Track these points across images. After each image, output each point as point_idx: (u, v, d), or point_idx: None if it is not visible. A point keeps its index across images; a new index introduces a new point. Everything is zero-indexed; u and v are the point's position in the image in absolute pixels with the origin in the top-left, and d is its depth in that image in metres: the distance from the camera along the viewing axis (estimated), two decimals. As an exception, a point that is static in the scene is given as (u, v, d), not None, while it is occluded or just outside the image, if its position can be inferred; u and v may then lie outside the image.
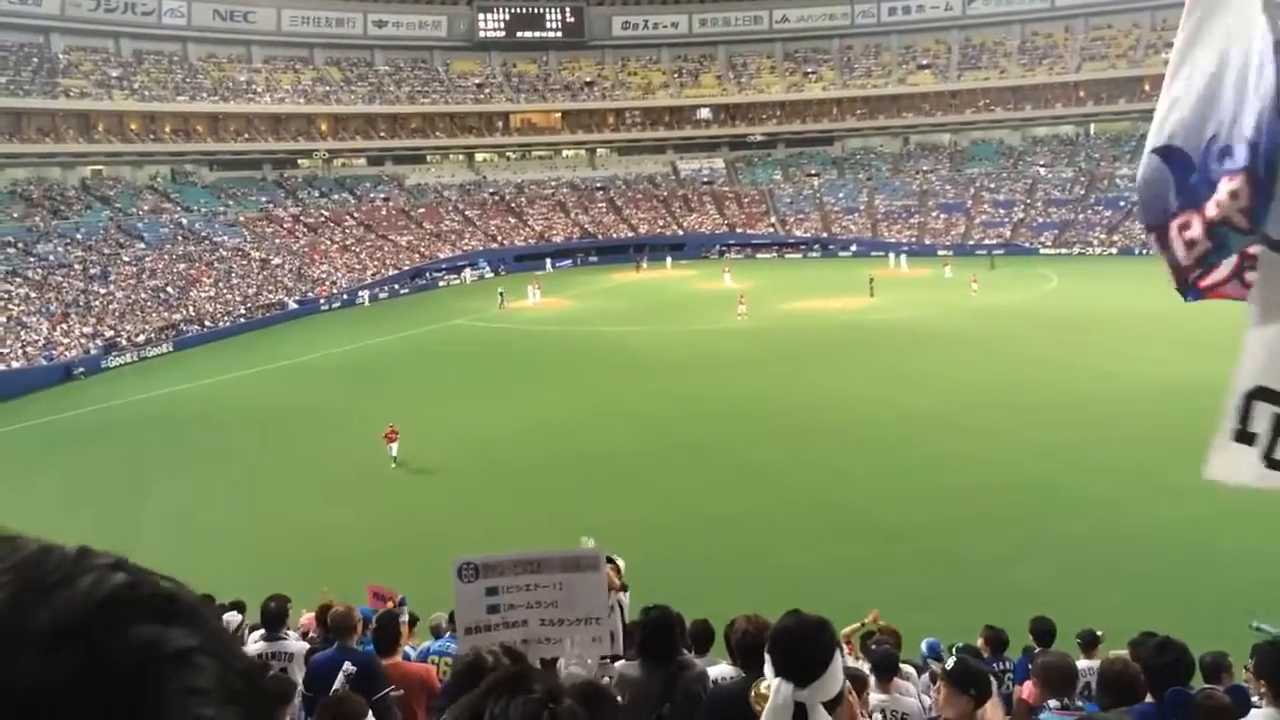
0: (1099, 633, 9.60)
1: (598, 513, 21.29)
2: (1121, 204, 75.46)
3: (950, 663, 4.54)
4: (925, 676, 8.78)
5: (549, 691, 1.26)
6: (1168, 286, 3.40)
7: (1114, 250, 70.57)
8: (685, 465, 24.89)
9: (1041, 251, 71.93)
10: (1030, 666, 8.62)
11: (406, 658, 8.37)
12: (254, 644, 8.20)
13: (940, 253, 72.23)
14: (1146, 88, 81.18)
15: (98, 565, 0.61)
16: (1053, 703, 4.28)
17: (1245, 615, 9.00)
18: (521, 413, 31.36)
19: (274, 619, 7.97)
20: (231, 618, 9.96)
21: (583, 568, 2.86)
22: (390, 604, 10.72)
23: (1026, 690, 6.85)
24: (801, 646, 2.64)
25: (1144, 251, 69.17)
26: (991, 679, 4.73)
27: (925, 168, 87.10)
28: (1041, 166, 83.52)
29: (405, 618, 10.83)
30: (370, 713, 5.05)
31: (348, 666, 6.18)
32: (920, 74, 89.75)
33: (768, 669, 2.70)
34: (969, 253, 71.11)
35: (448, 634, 10.04)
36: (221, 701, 0.60)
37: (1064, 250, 71.90)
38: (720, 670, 5.21)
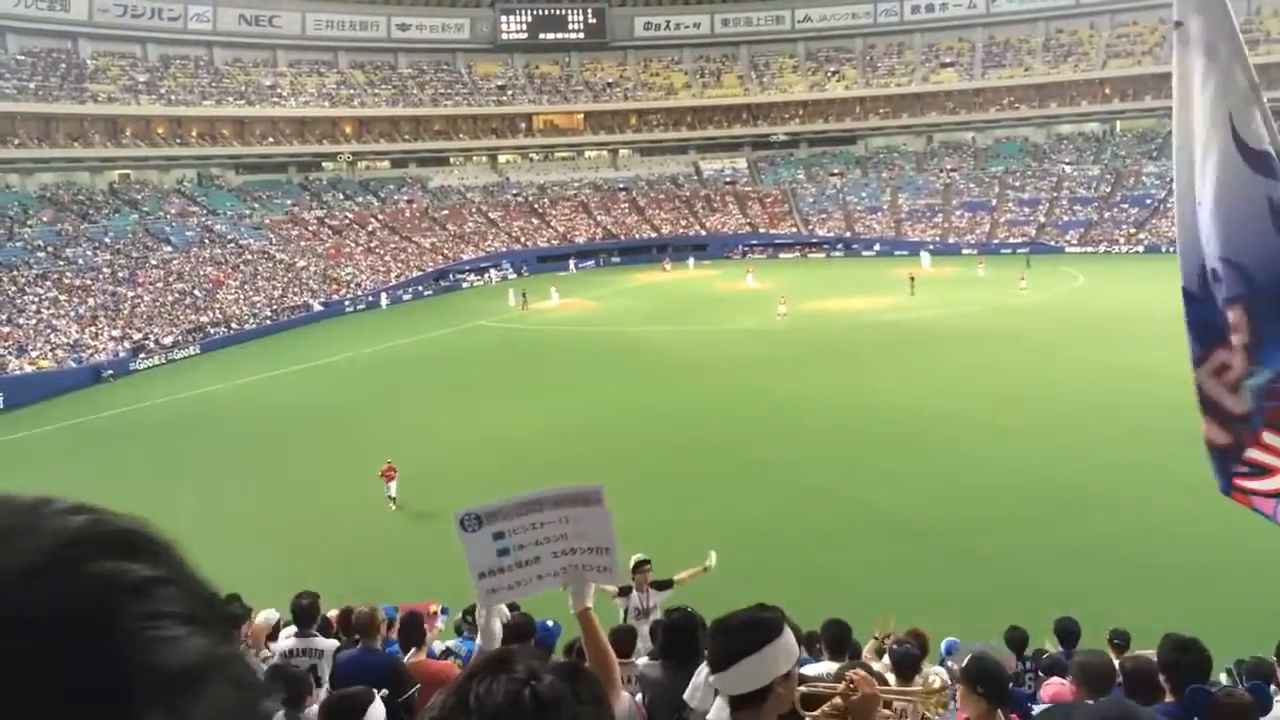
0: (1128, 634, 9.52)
1: (623, 513, 21.29)
2: (1148, 201, 74.92)
3: (966, 661, 4.55)
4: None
5: (530, 670, 1.30)
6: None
7: (1140, 248, 69.99)
8: (712, 465, 24.86)
9: (1067, 250, 71.40)
10: (1067, 665, 8.60)
11: (432, 655, 8.46)
12: (285, 640, 8.32)
13: (965, 251, 71.92)
14: (1172, 84, 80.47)
15: (59, 510, 0.66)
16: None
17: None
18: (546, 413, 31.43)
19: (304, 616, 8.06)
20: (269, 614, 10.10)
21: (587, 502, 2.94)
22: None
23: (1052, 690, 6.81)
24: (717, 635, 2.80)
25: (1171, 249, 68.59)
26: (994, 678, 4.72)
27: (949, 166, 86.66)
28: (1067, 164, 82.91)
29: (441, 625, 10.90)
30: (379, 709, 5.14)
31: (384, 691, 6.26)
32: (944, 72, 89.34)
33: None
34: (994, 251, 70.71)
35: (463, 638, 10.12)
36: (181, 623, 0.63)
37: (1090, 248, 71.36)
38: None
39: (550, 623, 8.31)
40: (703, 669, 2.93)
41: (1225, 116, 2.67)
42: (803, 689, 2.95)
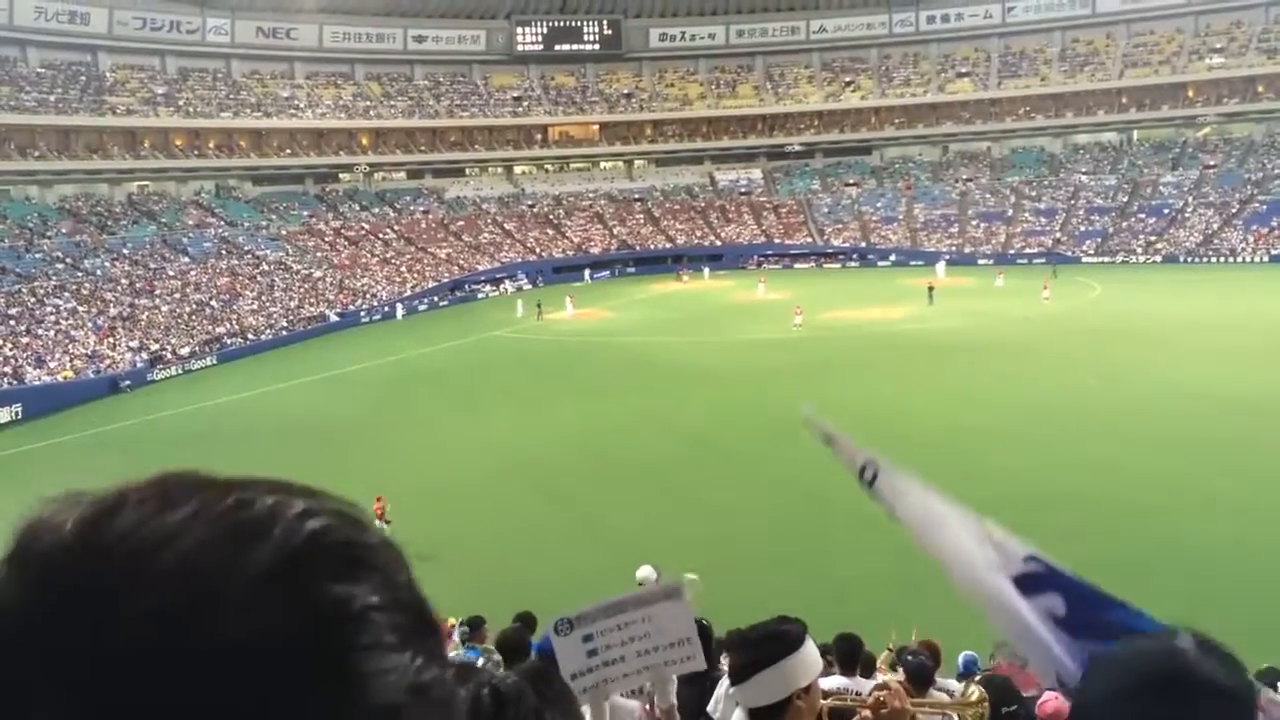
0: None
1: (635, 523, 21.28)
2: (1165, 211, 74.61)
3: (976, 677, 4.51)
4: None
5: (493, 674, 1.33)
6: (1213, 295, 3.20)
7: (1158, 258, 69.67)
8: (728, 476, 24.78)
9: (1084, 260, 71.08)
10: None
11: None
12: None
13: (981, 262, 71.73)
14: (1190, 94, 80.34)
15: (294, 514, 0.63)
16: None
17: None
18: (560, 424, 31.41)
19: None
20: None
21: (668, 597, 3.00)
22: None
23: (1049, 706, 6.73)
24: (738, 647, 2.80)
25: (1188, 260, 68.36)
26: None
27: (965, 176, 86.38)
28: (1083, 174, 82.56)
29: (456, 639, 10.88)
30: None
31: None
32: (959, 82, 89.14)
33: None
34: (1010, 261, 70.43)
35: (466, 647, 10.08)
36: (392, 651, 0.62)
37: (1107, 258, 71.03)
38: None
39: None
40: (724, 681, 2.94)
41: (969, 555, 2.59)
42: (831, 703, 2.94)
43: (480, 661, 9.62)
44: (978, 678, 4.45)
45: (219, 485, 0.68)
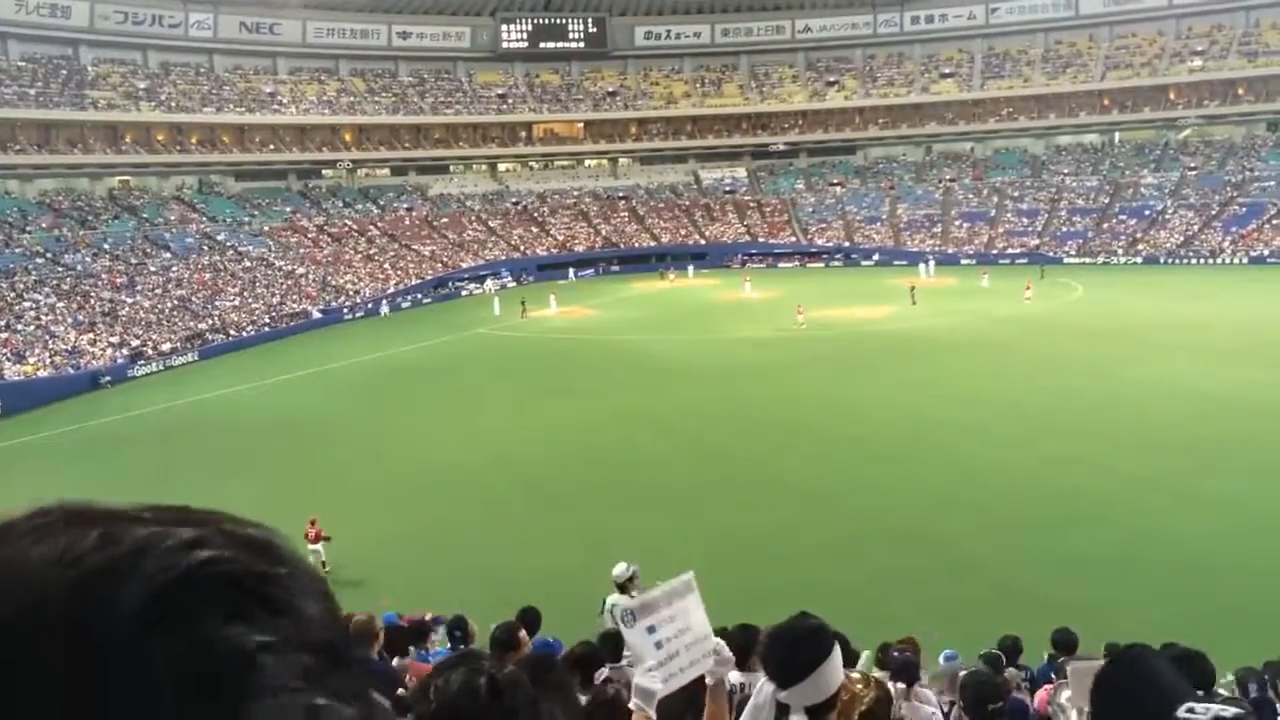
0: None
1: (622, 525, 21.24)
2: (1146, 212, 75.00)
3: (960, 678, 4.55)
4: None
5: (493, 664, 1.33)
6: (1194, 296, 3.25)
7: (1139, 259, 70.06)
8: (711, 475, 24.75)
9: (1065, 261, 71.38)
10: (1055, 671, 8.57)
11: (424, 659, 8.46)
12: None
13: (964, 261, 71.98)
14: (1171, 96, 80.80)
15: (166, 548, 0.55)
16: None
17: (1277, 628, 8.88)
18: (542, 423, 31.35)
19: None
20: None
21: (690, 590, 3.01)
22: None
23: (1042, 697, 6.80)
24: (787, 648, 2.73)
25: (1169, 261, 68.77)
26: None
27: (948, 176, 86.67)
28: (1065, 175, 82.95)
29: (438, 635, 10.86)
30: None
31: None
32: (943, 83, 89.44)
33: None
34: (992, 261, 70.70)
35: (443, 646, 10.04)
36: (286, 693, 0.55)
37: (1088, 259, 71.38)
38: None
39: (551, 639, 8.24)
40: (764, 686, 2.89)
41: None
42: None
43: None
44: (962, 674, 4.49)
45: (93, 517, 0.59)
